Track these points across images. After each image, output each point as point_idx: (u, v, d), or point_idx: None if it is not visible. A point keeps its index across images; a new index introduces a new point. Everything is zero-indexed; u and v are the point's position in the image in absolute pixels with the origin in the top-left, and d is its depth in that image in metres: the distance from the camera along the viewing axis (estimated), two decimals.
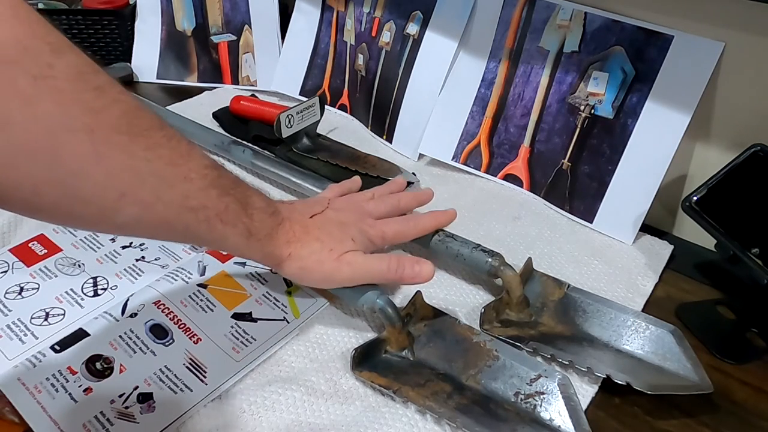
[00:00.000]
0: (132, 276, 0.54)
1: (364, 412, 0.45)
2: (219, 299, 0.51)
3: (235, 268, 0.54)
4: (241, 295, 0.52)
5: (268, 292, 0.52)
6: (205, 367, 0.45)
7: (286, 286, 0.53)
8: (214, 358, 0.46)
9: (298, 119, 0.74)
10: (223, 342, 0.47)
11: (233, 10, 0.92)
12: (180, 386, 0.44)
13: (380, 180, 0.70)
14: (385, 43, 0.80)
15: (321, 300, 0.53)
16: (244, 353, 0.47)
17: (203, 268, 0.54)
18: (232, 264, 0.55)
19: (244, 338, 0.48)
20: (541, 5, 0.67)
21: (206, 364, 0.45)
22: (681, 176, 0.65)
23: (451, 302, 0.55)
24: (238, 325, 0.49)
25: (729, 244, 0.54)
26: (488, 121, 0.72)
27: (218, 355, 0.46)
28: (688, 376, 0.47)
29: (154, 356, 0.46)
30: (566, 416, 0.43)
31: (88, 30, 0.94)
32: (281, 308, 0.51)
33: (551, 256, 0.61)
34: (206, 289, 0.52)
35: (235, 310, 0.50)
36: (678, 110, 0.60)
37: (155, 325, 0.48)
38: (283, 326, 0.50)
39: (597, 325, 0.52)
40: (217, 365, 0.46)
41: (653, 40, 0.61)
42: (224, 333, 0.48)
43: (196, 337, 0.47)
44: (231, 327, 0.49)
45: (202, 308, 0.50)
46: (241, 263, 0.55)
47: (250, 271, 0.54)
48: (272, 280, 0.53)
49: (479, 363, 0.48)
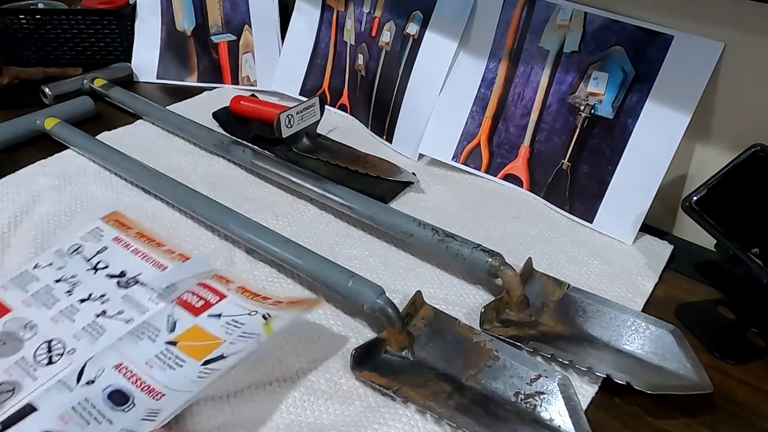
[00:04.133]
0: (92, 336, 0.48)
1: (364, 412, 0.45)
2: (189, 354, 0.46)
3: (209, 321, 0.49)
4: (214, 344, 0.46)
5: (244, 332, 0.47)
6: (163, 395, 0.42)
7: (263, 320, 0.48)
8: (173, 399, 0.42)
9: (298, 119, 0.74)
10: (188, 387, 0.43)
11: (233, 10, 0.92)
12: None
13: (380, 180, 0.70)
14: (385, 43, 0.80)
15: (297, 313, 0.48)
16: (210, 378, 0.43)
17: (173, 324, 0.49)
18: (206, 317, 0.49)
19: (209, 371, 0.44)
20: (541, 5, 0.67)
21: (164, 392, 0.43)
22: (681, 176, 0.65)
23: (451, 302, 0.55)
24: (207, 369, 0.44)
25: (729, 244, 0.54)
26: (488, 121, 0.72)
27: (182, 398, 0.42)
28: (688, 376, 0.47)
29: (111, 425, 0.41)
30: (566, 416, 0.43)
31: (88, 30, 0.94)
32: (254, 338, 0.46)
33: (551, 256, 0.61)
34: (176, 346, 0.46)
35: (206, 358, 0.45)
36: (678, 110, 0.60)
37: (114, 391, 0.43)
38: (254, 345, 0.45)
39: (597, 325, 0.52)
40: (174, 393, 0.42)
41: (653, 40, 0.61)
42: (191, 380, 0.43)
43: (160, 395, 0.43)
44: (199, 373, 0.44)
45: (169, 366, 0.45)
46: (216, 315, 0.49)
47: (226, 321, 0.49)
48: (249, 321, 0.48)
49: (479, 363, 0.48)
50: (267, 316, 0.48)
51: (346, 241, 0.63)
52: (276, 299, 0.50)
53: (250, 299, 0.51)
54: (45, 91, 0.85)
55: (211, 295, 0.51)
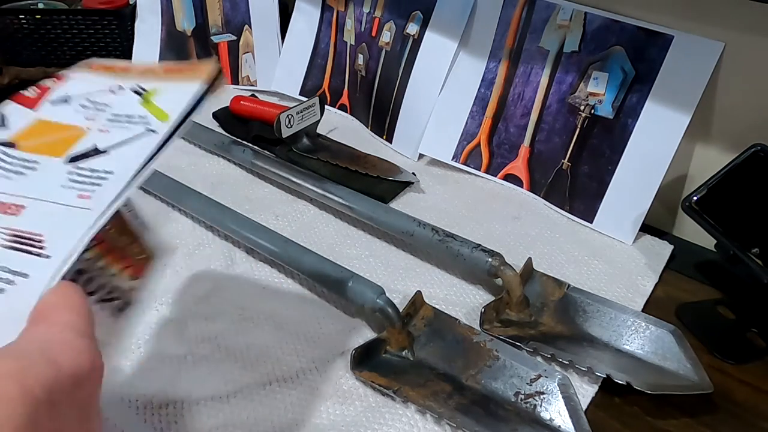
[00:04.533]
0: None
1: (364, 412, 0.45)
2: (40, 151, 0.34)
3: (57, 109, 0.36)
4: (74, 135, 0.34)
5: (114, 114, 0.35)
6: (39, 235, 0.30)
7: (137, 96, 0.36)
8: (52, 219, 0.31)
9: (298, 119, 0.74)
10: (60, 195, 0.32)
11: (233, 10, 0.92)
12: (5, 278, 0.28)
13: (380, 180, 0.70)
14: (385, 43, 0.80)
15: (193, 85, 0.34)
16: (98, 194, 0.31)
17: (2, 119, 0.36)
18: (49, 105, 0.36)
19: (93, 177, 0.32)
20: (541, 5, 0.67)
21: (40, 231, 0.30)
22: (681, 176, 0.65)
23: (451, 302, 0.55)
24: (80, 168, 0.33)
25: (729, 244, 0.54)
26: (488, 121, 0.72)
27: (58, 214, 0.31)
28: (688, 376, 0.47)
29: None
30: (566, 416, 0.43)
31: (88, 30, 0.94)
32: (139, 122, 0.34)
33: (551, 256, 0.61)
34: (15, 148, 0.34)
35: (69, 154, 0.33)
36: (678, 110, 0.60)
37: None
38: (149, 139, 0.33)
39: (597, 325, 0.52)
40: (59, 226, 0.30)
41: (653, 40, 0.61)
42: (60, 185, 0.32)
43: (15, 206, 0.32)
44: (68, 174, 0.32)
45: (15, 172, 0.33)
46: (61, 100, 0.36)
47: (80, 102, 0.36)
48: (116, 99, 0.36)
49: (479, 363, 0.48)
50: (140, 89, 0.36)
51: (346, 241, 0.63)
52: (145, 67, 0.37)
53: (104, 72, 0.38)
54: None
55: (48, 81, 0.38)
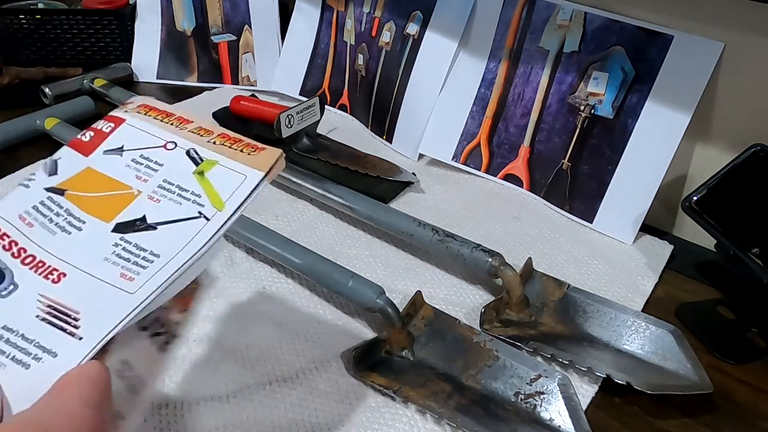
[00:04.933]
0: None
1: (364, 412, 0.45)
2: (88, 210, 0.32)
3: (108, 159, 0.34)
4: (123, 196, 0.33)
5: (166, 180, 0.33)
6: (76, 311, 0.29)
7: (192, 163, 0.34)
8: (91, 296, 0.29)
9: (298, 119, 0.74)
10: (103, 270, 0.30)
11: (233, 10, 0.92)
12: (34, 353, 0.27)
13: (380, 180, 0.70)
14: (385, 43, 0.80)
15: (254, 173, 0.33)
16: (141, 279, 0.29)
17: (54, 165, 0.34)
18: (102, 155, 0.34)
19: (139, 257, 0.30)
20: (541, 5, 0.67)
21: (77, 307, 0.29)
22: (681, 176, 0.65)
23: (451, 302, 0.55)
24: (126, 241, 0.31)
25: (729, 244, 0.54)
26: (488, 121, 0.72)
27: (98, 291, 0.29)
28: (688, 376, 0.47)
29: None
30: (566, 416, 0.43)
31: (88, 30, 0.94)
32: (192, 199, 0.32)
33: (551, 256, 0.61)
34: (63, 195, 0.33)
35: (117, 220, 0.32)
36: (678, 110, 0.60)
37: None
38: (200, 226, 0.31)
39: (597, 325, 0.52)
40: (97, 306, 0.29)
41: (653, 40, 0.61)
42: (104, 257, 0.30)
43: (57, 273, 0.30)
44: (115, 246, 0.31)
45: (60, 227, 0.31)
46: (115, 150, 0.35)
47: (133, 157, 0.34)
48: (170, 160, 0.34)
49: (479, 363, 0.48)
50: (196, 157, 0.34)
51: (346, 241, 0.63)
52: (200, 125, 0.36)
53: (160, 120, 0.36)
54: (45, 91, 0.85)
55: (104, 123, 0.36)
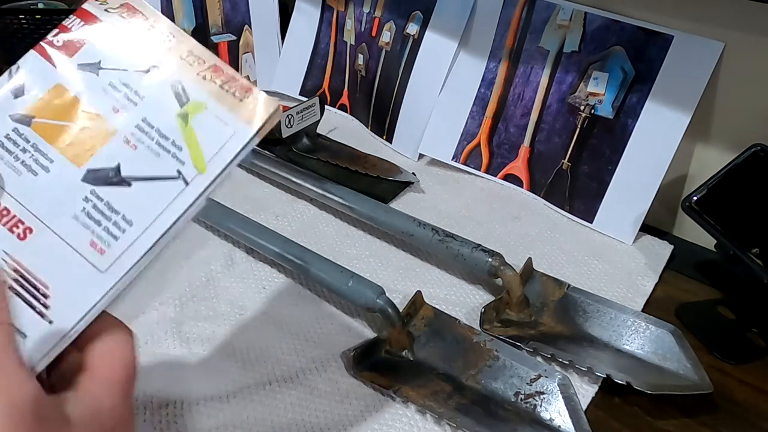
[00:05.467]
0: None
1: (364, 412, 0.45)
2: (57, 144, 0.28)
3: (82, 76, 0.30)
4: (99, 133, 0.29)
5: (145, 119, 0.29)
6: (45, 285, 0.26)
7: (177, 103, 0.29)
8: (61, 268, 0.27)
9: (298, 119, 0.74)
10: (72, 232, 0.27)
11: (233, 10, 0.92)
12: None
13: (380, 180, 0.70)
14: (385, 43, 0.80)
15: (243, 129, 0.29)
16: (112, 253, 0.27)
17: (20, 86, 0.30)
18: (75, 70, 0.30)
19: (110, 221, 0.27)
20: (541, 5, 0.67)
21: (45, 278, 0.27)
22: (681, 176, 0.65)
23: (451, 302, 0.55)
24: (98, 196, 0.28)
25: (729, 244, 0.54)
26: (488, 121, 0.72)
27: (66, 260, 0.27)
28: (688, 376, 0.47)
29: None
30: (566, 416, 0.43)
31: None
32: (172, 152, 0.28)
33: (551, 256, 0.61)
34: (30, 126, 0.29)
35: (88, 166, 0.28)
36: (678, 110, 0.60)
37: None
38: (179, 190, 0.28)
39: (597, 325, 0.52)
40: (67, 283, 0.27)
41: (653, 40, 0.61)
42: (72, 214, 0.27)
43: (21, 226, 0.27)
44: (85, 201, 0.28)
45: (26, 166, 0.28)
46: (93, 65, 0.30)
47: (111, 80, 0.29)
48: (151, 91, 0.29)
49: (479, 363, 0.48)
50: (182, 93, 0.29)
51: (346, 241, 0.63)
52: (189, 47, 0.30)
53: (144, 29, 0.30)
54: None
55: (76, 21, 0.32)
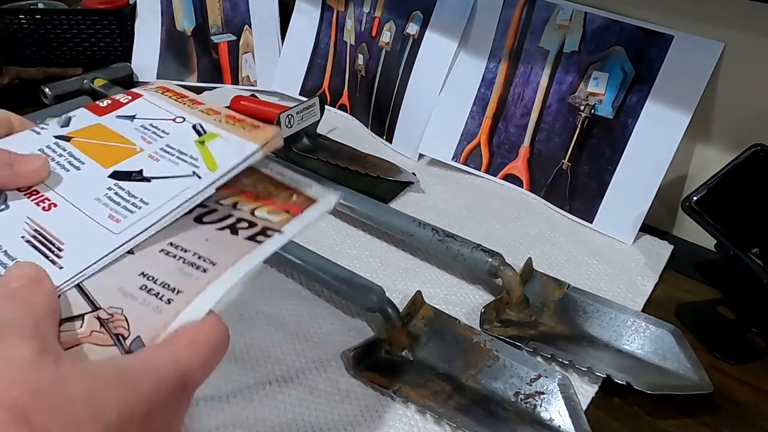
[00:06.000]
0: None
1: (364, 412, 0.45)
2: (90, 153, 0.34)
3: (120, 122, 0.37)
4: (126, 150, 0.34)
5: (168, 145, 0.35)
6: (60, 241, 0.30)
7: (196, 134, 0.36)
8: (77, 230, 0.30)
9: (298, 119, 0.74)
10: (93, 208, 0.31)
11: (233, 10, 0.92)
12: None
13: (380, 180, 0.70)
14: (385, 43, 0.80)
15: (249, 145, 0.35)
16: (127, 222, 0.31)
17: (67, 119, 0.37)
18: (114, 117, 0.37)
19: (129, 202, 0.32)
20: (541, 5, 0.67)
21: (62, 237, 0.30)
22: (681, 176, 0.65)
23: (451, 302, 0.55)
24: (120, 187, 0.32)
25: (729, 244, 0.54)
26: (488, 121, 0.72)
27: (84, 226, 0.30)
28: (688, 376, 0.47)
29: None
30: (566, 416, 0.43)
31: (88, 30, 0.94)
32: (189, 161, 0.34)
33: (551, 256, 0.61)
34: (69, 142, 0.35)
35: (114, 168, 0.33)
36: (678, 110, 0.60)
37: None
38: (191, 183, 0.32)
39: (597, 325, 0.52)
40: (81, 239, 0.30)
41: (653, 40, 0.61)
42: (96, 197, 0.32)
43: (47, 202, 0.32)
44: (108, 189, 0.32)
45: (60, 165, 0.33)
46: (127, 116, 0.37)
47: (143, 124, 0.36)
48: (176, 131, 0.36)
49: (479, 363, 0.48)
50: (201, 130, 0.36)
51: (346, 241, 0.63)
52: (210, 107, 0.38)
53: (174, 100, 0.38)
54: (45, 91, 0.85)
55: (123, 95, 0.39)
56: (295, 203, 0.33)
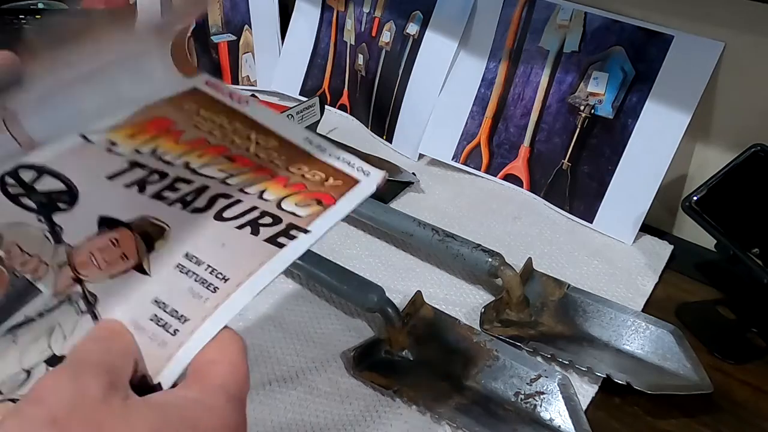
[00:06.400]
0: None
1: (364, 412, 0.45)
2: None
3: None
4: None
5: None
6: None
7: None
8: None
9: (298, 119, 0.74)
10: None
11: (233, 10, 0.92)
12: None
13: None
14: (385, 43, 0.80)
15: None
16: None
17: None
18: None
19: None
20: (541, 5, 0.67)
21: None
22: (681, 176, 0.65)
23: (451, 302, 0.55)
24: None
25: (729, 244, 0.54)
26: (488, 121, 0.72)
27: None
28: (688, 376, 0.47)
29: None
30: (566, 416, 0.43)
31: None
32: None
33: (551, 256, 0.61)
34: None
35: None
36: (678, 110, 0.60)
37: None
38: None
39: (597, 325, 0.52)
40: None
41: (653, 40, 0.61)
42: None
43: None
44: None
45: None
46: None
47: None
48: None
49: (479, 363, 0.48)
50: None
51: (346, 241, 0.63)
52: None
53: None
54: None
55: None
56: (329, 188, 0.29)
